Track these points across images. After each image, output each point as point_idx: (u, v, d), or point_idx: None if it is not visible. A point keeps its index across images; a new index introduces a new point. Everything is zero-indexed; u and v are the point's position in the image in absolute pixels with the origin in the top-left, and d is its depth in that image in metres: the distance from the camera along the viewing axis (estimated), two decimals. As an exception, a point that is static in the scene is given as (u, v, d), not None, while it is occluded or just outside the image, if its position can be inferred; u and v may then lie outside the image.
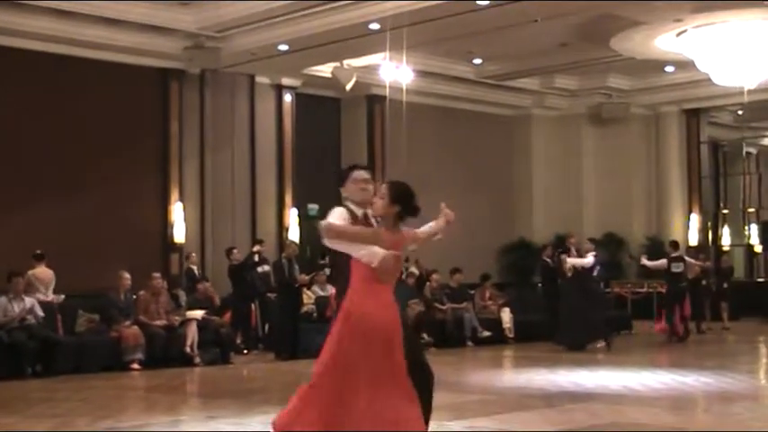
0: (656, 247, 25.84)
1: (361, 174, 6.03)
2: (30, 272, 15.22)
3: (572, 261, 16.38)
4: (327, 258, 19.60)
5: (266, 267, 17.73)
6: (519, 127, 27.06)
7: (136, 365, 14.09)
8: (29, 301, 13.89)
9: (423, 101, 23.17)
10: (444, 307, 18.13)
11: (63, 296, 15.57)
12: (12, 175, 17.99)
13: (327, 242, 5.72)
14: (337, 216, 5.83)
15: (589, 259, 16.44)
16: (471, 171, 25.33)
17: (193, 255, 18.89)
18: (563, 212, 26.03)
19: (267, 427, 8.47)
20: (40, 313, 13.87)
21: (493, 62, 23.49)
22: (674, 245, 19.35)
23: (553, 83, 25.62)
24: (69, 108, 18.82)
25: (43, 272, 15.55)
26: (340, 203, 6.05)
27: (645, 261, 19.33)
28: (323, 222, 5.74)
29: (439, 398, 10.63)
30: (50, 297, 15.16)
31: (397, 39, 17.62)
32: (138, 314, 14.75)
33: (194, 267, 18.32)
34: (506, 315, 18.71)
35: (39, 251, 15.75)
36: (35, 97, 18.42)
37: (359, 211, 5.91)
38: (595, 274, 16.71)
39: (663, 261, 18.78)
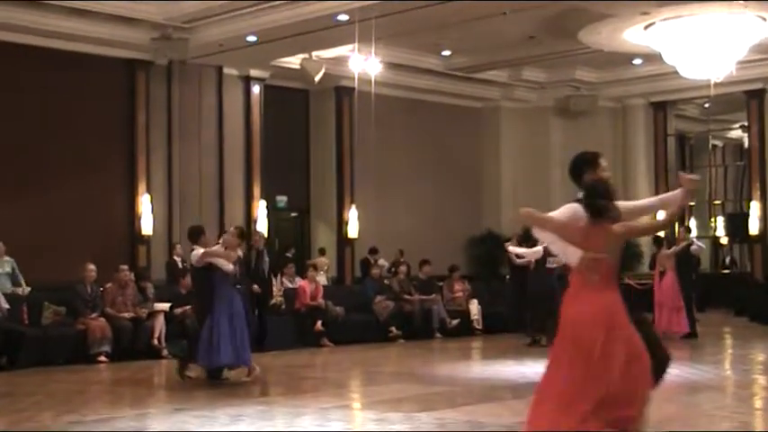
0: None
1: (604, 161, 5.89)
2: None
3: (514, 250, 15.84)
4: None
5: (233, 258, 17.63)
6: (487, 119, 27.09)
7: (102, 358, 14.01)
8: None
9: (391, 93, 23.17)
10: (413, 298, 18.14)
11: (29, 288, 15.42)
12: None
13: (535, 232, 5.66)
14: (565, 211, 5.78)
15: (535, 249, 15.65)
16: (440, 163, 25.36)
17: (179, 246, 18.74)
18: (531, 204, 25.40)
19: (234, 420, 8.49)
20: (5, 306, 13.74)
21: (461, 54, 23.51)
22: None
23: (521, 75, 25.67)
24: (35, 99, 18.66)
25: None
26: (308, 195, 5.98)
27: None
28: (523, 210, 5.67)
29: (407, 389, 10.70)
30: None
31: (365, 30, 17.59)
32: (104, 306, 14.66)
33: (178, 259, 18.21)
34: (474, 307, 18.77)
35: None
36: (2, 88, 18.22)
37: None
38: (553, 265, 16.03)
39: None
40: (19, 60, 18.38)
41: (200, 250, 11.39)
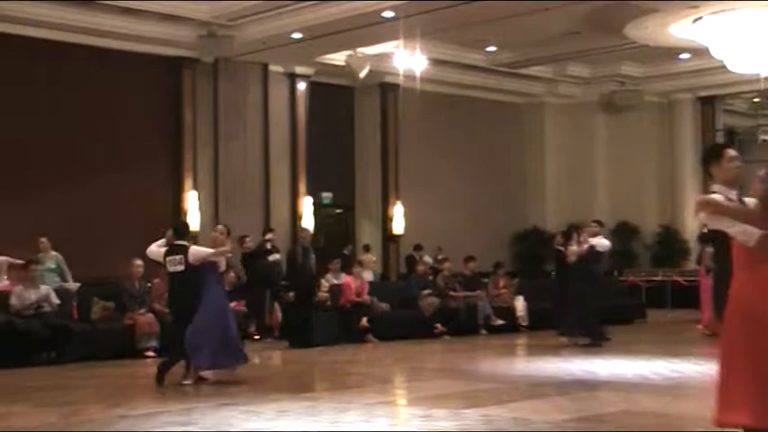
0: (669, 236, 25.80)
1: (732, 152, 5.87)
2: None
3: (573, 250, 15.61)
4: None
5: (277, 256, 17.77)
6: (531, 115, 27.00)
7: (150, 353, 14.14)
8: (44, 288, 13.96)
9: (435, 89, 23.16)
10: (457, 295, 18.12)
11: (78, 284, 15.61)
12: (28, 164, 18.06)
13: (704, 218, 5.56)
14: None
15: (599, 242, 15.44)
16: (484, 159, 25.31)
17: (228, 242, 18.78)
18: (575, 200, 25.97)
19: (279, 415, 8.54)
20: (56, 301, 13.93)
21: (506, 50, 23.43)
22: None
23: (566, 71, 25.55)
24: (84, 97, 18.87)
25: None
26: (352, 191, 5.99)
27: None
28: (699, 197, 5.63)
29: (452, 386, 10.69)
30: (3, 283, 15.04)
31: (410, 27, 17.59)
32: (152, 302, 14.80)
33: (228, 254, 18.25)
34: (520, 303, 18.69)
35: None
36: (51, 86, 18.46)
37: (731, 193, 5.73)
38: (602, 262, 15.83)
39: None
40: (67, 58, 18.60)
41: (199, 249, 11.32)
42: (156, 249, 11.45)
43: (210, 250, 11.24)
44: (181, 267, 11.01)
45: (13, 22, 17.74)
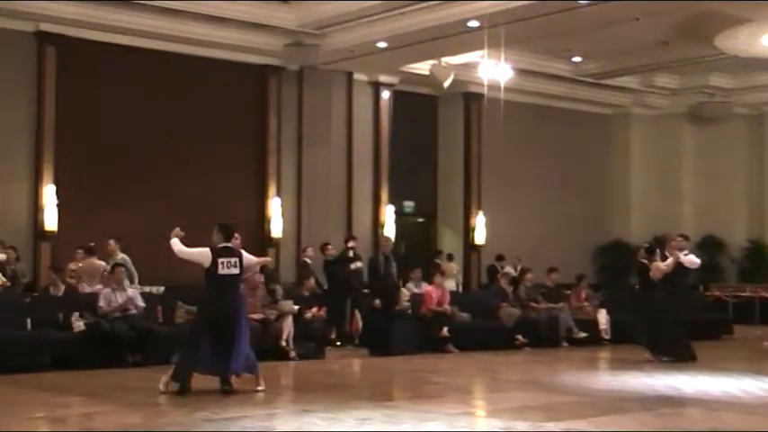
0: (758, 250, 25.28)
1: None
2: (72, 264, 15.61)
3: (659, 266, 15.25)
4: None
5: (359, 264, 17.83)
6: (617, 126, 26.70)
7: (231, 357, 14.25)
8: (131, 291, 14.21)
9: (519, 99, 23.03)
10: (539, 306, 17.99)
11: (162, 287, 15.85)
12: (115, 169, 18.43)
13: None
14: None
15: (668, 262, 15.20)
16: (568, 170, 25.10)
17: (309, 249, 19.01)
18: (661, 213, 25.59)
19: (360, 423, 8.55)
20: (141, 304, 14.16)
21: (592, 60, 23.23)
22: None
23: (653, 81, 25.22)
24: (171, 103, 19.20)
25: (90, 264, 15.78)
26: (435, 200, 5.98)
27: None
28: None
29: (533, 398, 10.61)
30: (96, 288, 15.31)
31: (495, 36, 17.54)
32: (233, 307, 14.92)
33: (309, 261, 18.48)
34: (602, 316, 18.45)
35: (91, 244, 16.00)
36: (139, 93, 18.83)
37: None
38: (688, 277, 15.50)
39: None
40: (154, 66, 18.93)
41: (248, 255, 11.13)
42: (198, 250, 11.23)
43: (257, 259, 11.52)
44: (236, 270, 11.00)
45: (109, 31, 18.13)
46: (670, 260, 14.85)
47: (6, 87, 17.63)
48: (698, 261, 15.50)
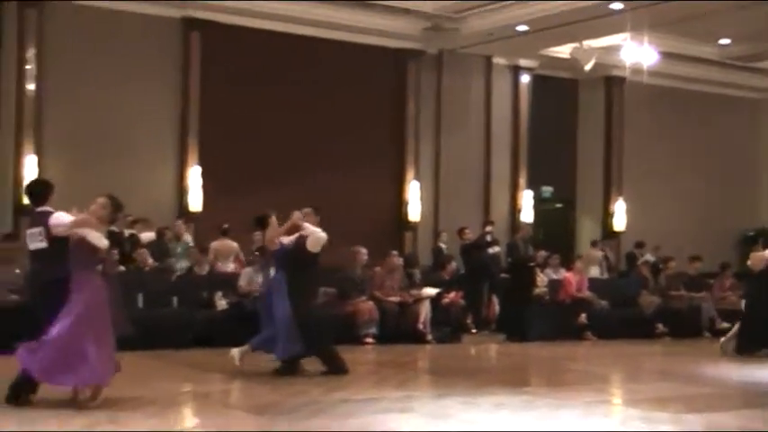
0: None
1: None
2: (212, 243, 16.12)
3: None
4: None
5: (497, 248, 17.79)
6: (764, 110, 25.81)
7: (369, 339, 14.44)
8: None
9: (662, 83, 22.48)
10: (681, 295, 17.60)
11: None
12: (254, 154, 18.75)
13: None
14: None
15: None
16: (712, 156, 24.38)
17: (444, 233, 19.09)
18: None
19: (496, 407, 8.54)
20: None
21: (740, 43, 22.47)
22: None
23: (804, 64, 24.28)
24: (311, 87, 19.41)
25: (224, 245, 16.21)
26: (573, 186, 5.89)
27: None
28: None
29: (673, 389, 10.40)
30: (230, 268, 15.65)
31: (638, 19, 17.18)
32: (372, 290, 15.10)
33: (444, 246, 18.54)
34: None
35: (225, 225, 16.39)
36: (280, 77, 19.09)
37: None
38: None
39: None
40: (295, 50, 19.18)
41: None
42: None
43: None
44: None
45: (253, 16, 18.47)
46: None
47: (153, 73, 18.14)
48: None
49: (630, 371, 12.86)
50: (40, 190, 8.42)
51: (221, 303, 13.97)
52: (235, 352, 10.59)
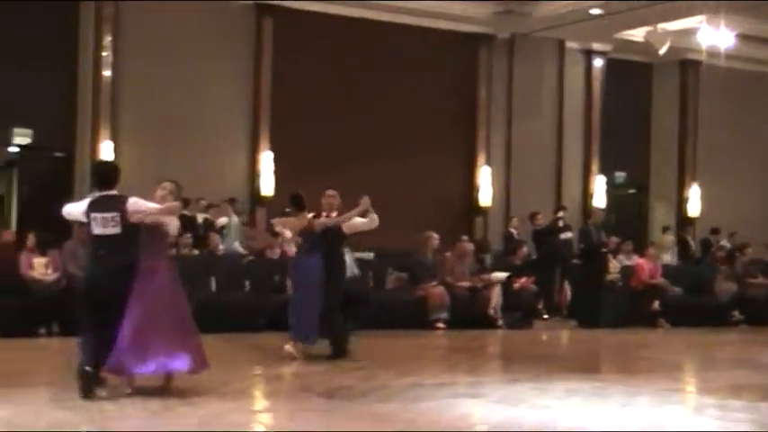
0: None
1: None
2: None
3: None
4: None
5: (569, 234, 17.64)
6: None
7: (440, 324, 14.45)
8: (348, 258, 14.54)
9: (741, 66, 22.03)
10: (757, 282, 17.32)
11: (372, 254, 16.17)
12: (326, 139, 18.81)
13: None
14: None
15: None
16: (792, 141, 23.85)
17: (515, 219, 19.02)
18: None
19: (568, 394, 8.50)
20: (356, 270, 14.48)
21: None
22: None
23: None
24: (382, 72, 19.41)
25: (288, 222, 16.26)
26: (647, 171, 5.80)
27: None
28: None
29: (748, 377, 10.24)
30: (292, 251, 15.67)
31: (714, 1, 16.87)
32: (443, 275, 15.10)
33: (514, 231, 18.48)
34: (826, 294, 17.60)
35: (287, 209, 16.38)
36: (351, 62, 19.12)
37: None
38: None
39: None
40: (367, 35, 19.17)
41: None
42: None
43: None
44: None
45: (324, 1, 18.52)
46: None
47: (226, 59, 18.29)
48: None
49: (705, 359, 12.70)
50: (110, 172, 8.21)
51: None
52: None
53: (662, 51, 20.11)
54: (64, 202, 8.82)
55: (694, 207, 22.47)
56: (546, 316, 16.52)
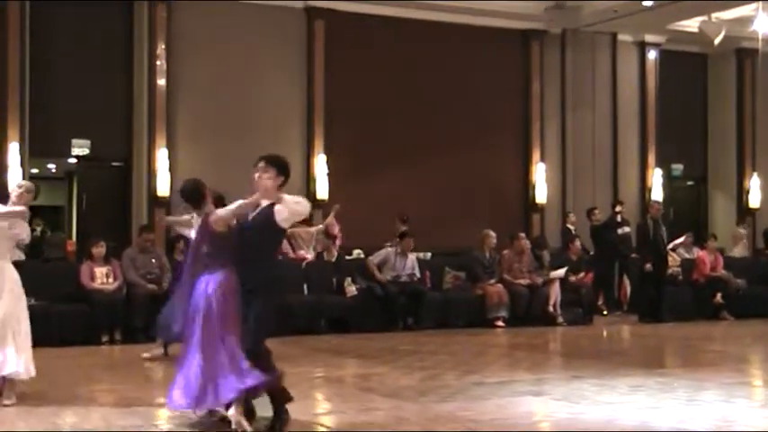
0: None
1: None
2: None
3: None
4: None
5: (627, 229, 17.50)
6: None
7: (499, 323, 14.41)
8: (411, 259, 14.60)
9: (798, 53, 21.69)
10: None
11: (429, 253, 16.18)
12: (379, 140, 18.83)
13: None
14: None
15: None
16: None
17: (572, 214, 18.90)
18: None
19: (633, 389, 8.41)
20: (416, 272, 14.54)
21: None
22: None
23: None
24: (436, 72, 19.38)
25: (304, 231, 16.21)
26: (705, 163, 5.72)
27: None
28: None
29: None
30: (309, 255, 15.58)
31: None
32: (502, 273, 15.05)
33: (572, 227, 18.37)
34: None
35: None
36: (404, 62, 19.11)
37: None
38: None
39: None
40: (419, 35, 19.17)
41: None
42: None
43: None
44: None
45: (375, 2, 18.54)
46: None
47: (279, 62, 18.38)
48: None
49: (770, 351, 12.53)
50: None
51: (351, 289, 14.11)
52: None
53: (717, 41, 19.85)
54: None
55: (755, 197, 22.15)
56: (606, 312, 16.40)
